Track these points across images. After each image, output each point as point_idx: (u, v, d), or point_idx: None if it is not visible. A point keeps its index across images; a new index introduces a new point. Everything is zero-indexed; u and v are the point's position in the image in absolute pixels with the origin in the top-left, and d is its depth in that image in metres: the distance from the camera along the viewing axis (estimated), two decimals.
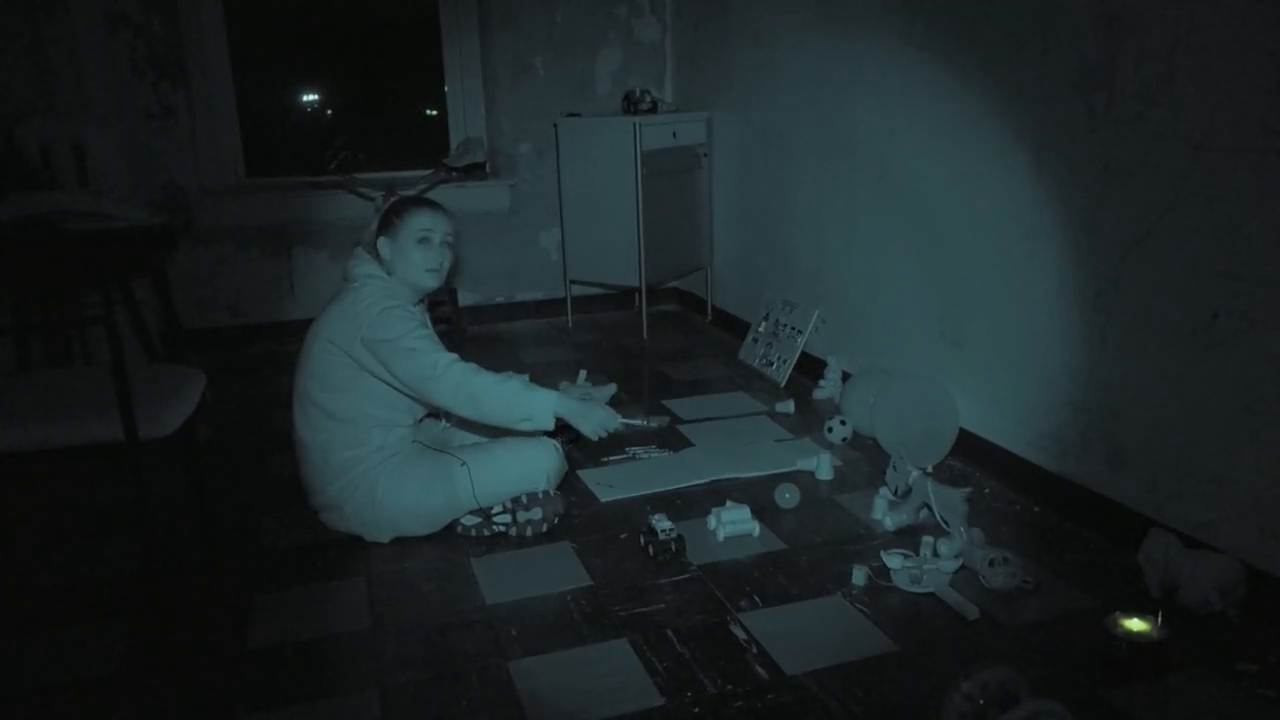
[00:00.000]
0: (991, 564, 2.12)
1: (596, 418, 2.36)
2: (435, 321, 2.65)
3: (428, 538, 2.43)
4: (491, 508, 2.44)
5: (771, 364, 3.76)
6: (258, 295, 4.41)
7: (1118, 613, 1.83)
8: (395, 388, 2.32)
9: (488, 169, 4.66)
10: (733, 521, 2.41)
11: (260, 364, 4.13)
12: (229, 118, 4.31)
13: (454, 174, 4.48)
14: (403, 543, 2.40)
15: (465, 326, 4.51)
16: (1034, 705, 1.46)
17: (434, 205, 2.45)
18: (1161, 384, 2.20)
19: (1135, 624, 1.80)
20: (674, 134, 4.34)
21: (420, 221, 2.39)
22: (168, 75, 4.07)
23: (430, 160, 4.52)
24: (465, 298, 4.67)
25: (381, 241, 2.39)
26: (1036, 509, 2.55)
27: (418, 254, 2.37)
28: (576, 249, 4.51)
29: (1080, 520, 2.44)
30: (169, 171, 4.13)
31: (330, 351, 2.31)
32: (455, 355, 2.30)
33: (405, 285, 2.40)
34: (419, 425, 2.54)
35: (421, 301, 2.51)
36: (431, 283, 2.41)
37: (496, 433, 2.53)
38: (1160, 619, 1.81)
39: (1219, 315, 2.04)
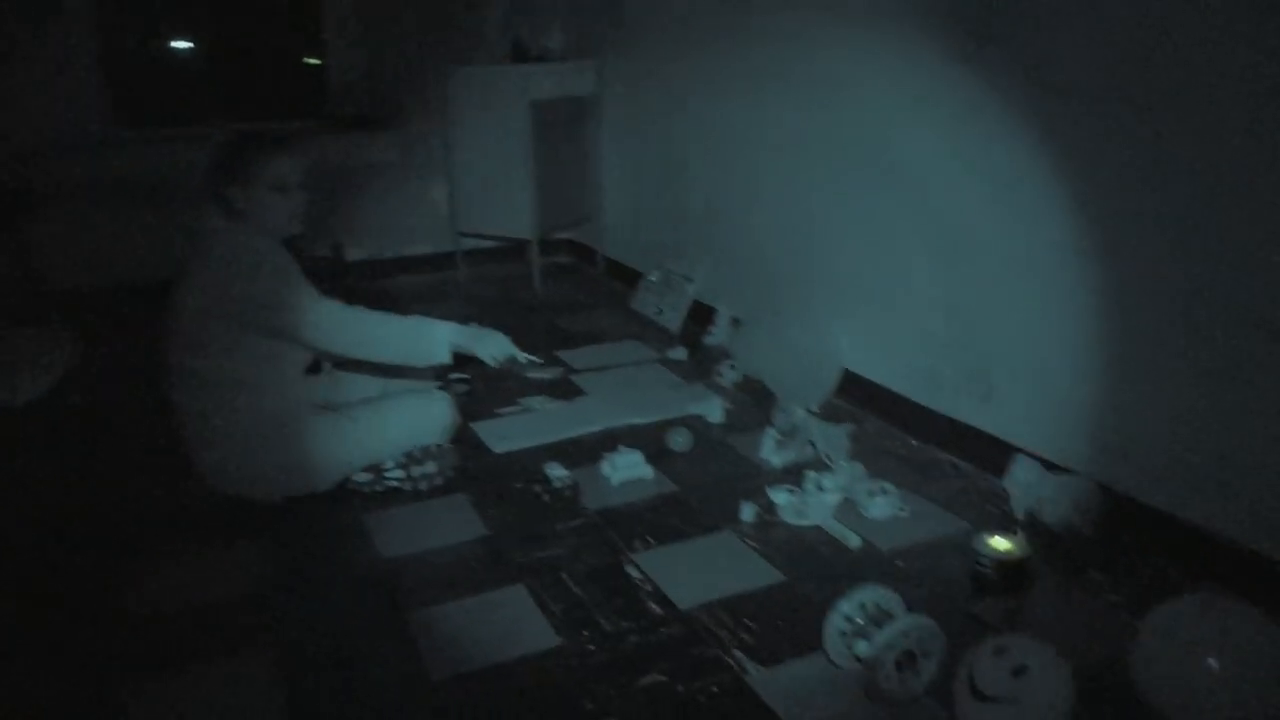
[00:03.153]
0: (872, 495, 2.23)
1: (494, 342, 2.33)
2: (319, 280, 2.58)
3: (319, 496, 2.40)
4: (384, 463, 2.43)
5: (663, 312, 3.81)
6: (132, 253, 4.18)
7: (985, 534, 1.96)
8: (281, 339, 2.25)
9: (373, 120, 4.52)
10: (626, 466, 2.46)
11: (140, 325, 3.95)
12: (89, 64, 4.03)
13: (337, 125, 4.35)
14: (294, 502, 2.37)
15: (353, 284, 4.41)
16: (907, 621, 1.56)
17: (286, 146, 2.29)
18: (1025, 318, 2.34)
19: (1000, 543, 1.93)
20: (563, 83, 4.31)
21: (277, 167, 2.23)
22: (21, 14, 3.78)
23: (312, 111, 4.37)
24: (353, 253, 4.56)
25: (231, 189, 2.22)
26: (914, 442, 2.68)
27: (276, 202, 2.24)
28: (466, 201, 4.44)
29: (953, 450, 2.58)
30: (17, 122, 3.86)
31: (202, 317, 2.22)
32: (339, 300, 2.24)
33: (263, 235, 2.26)
34: (303, 383, 2.48)
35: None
36: (294, 229, 2.31)
37: (388, 372, 2.50)
38: (1023, 538, 1.95)
39: (1080, 252, 2.17)
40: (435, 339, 2.28)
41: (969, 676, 1.49)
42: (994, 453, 2.42)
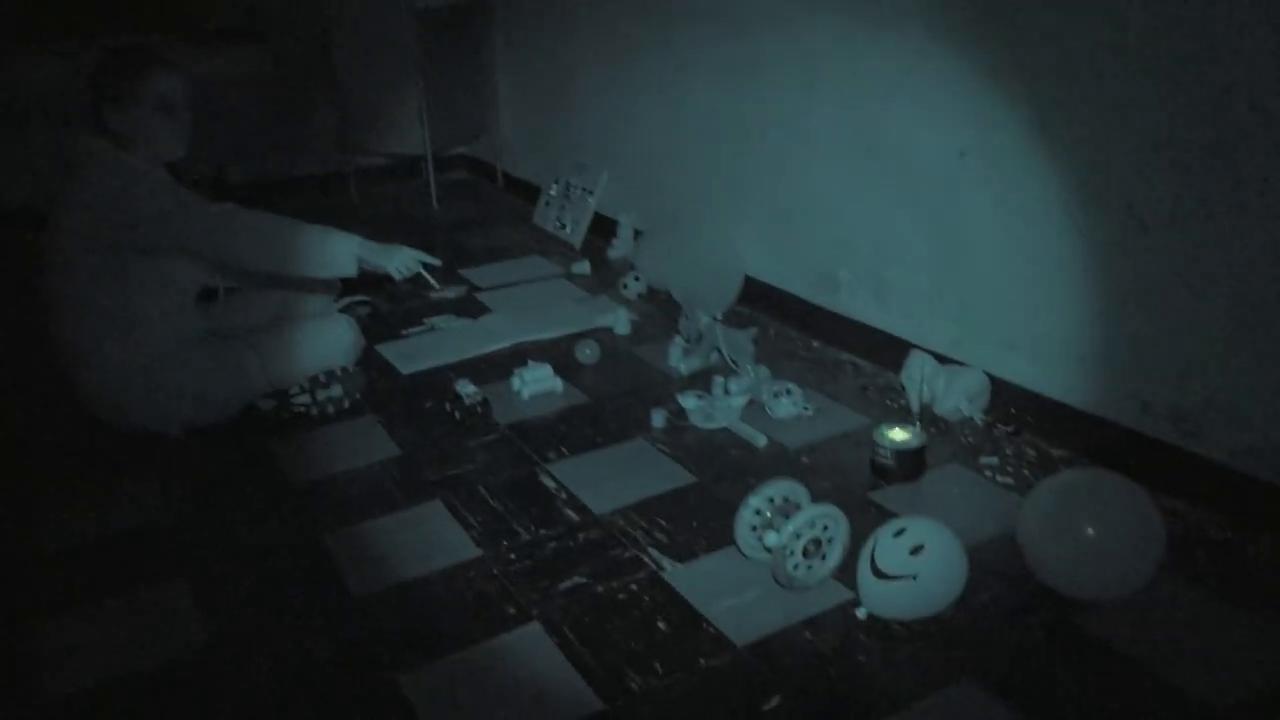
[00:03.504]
0: (776, 396, 2.30)
1: (401, 255, 2.28)
2: None
3: (223, 426, 2.34)
4: (289, 389, 2.38)
5: (565, 226, 3.79)
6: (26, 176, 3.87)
7: (884, 426, 2.05)
8: (178, 254, 2.15)
9: (245, 32, 4.27)
10: (536, 380, 2.47)
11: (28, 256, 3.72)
12: None
13: (206, 38, 4.10)
14: (196, 433, 2.31)
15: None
16: (813, 511, 1.64)
17: (167, 63, 2.15)
18: (918, 219, 2.41)
19: (898, 434, 2.03)
20: None
21: (159, 86, 2.11)
22: None
23: (178, 24, 4.10)
24: (235, 175, 4.36)
25: (109, 111, 2.09)
26: (815, 343, 2.76)
27: (162, 124, 2.13)
28: (356, 118, 4.27)
29: (852, 350, 2.67)
30: None
31: (85, 245, 2.11)
32: (233, 203, 2.15)
33: (147, 158, 2.15)
34: (197, 311, 2.40)
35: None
36: (181, 152, 2.20)
37: (287, 298, 2.42)
38: (919, 428, 2.05)
39: (965, 153, 2.24)
40: (341, 250, 2.21)
41: (871, 557, 1.58)
42: (891, 350, 2.51)
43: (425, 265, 2.32)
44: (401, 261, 2.27)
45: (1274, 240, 1.71)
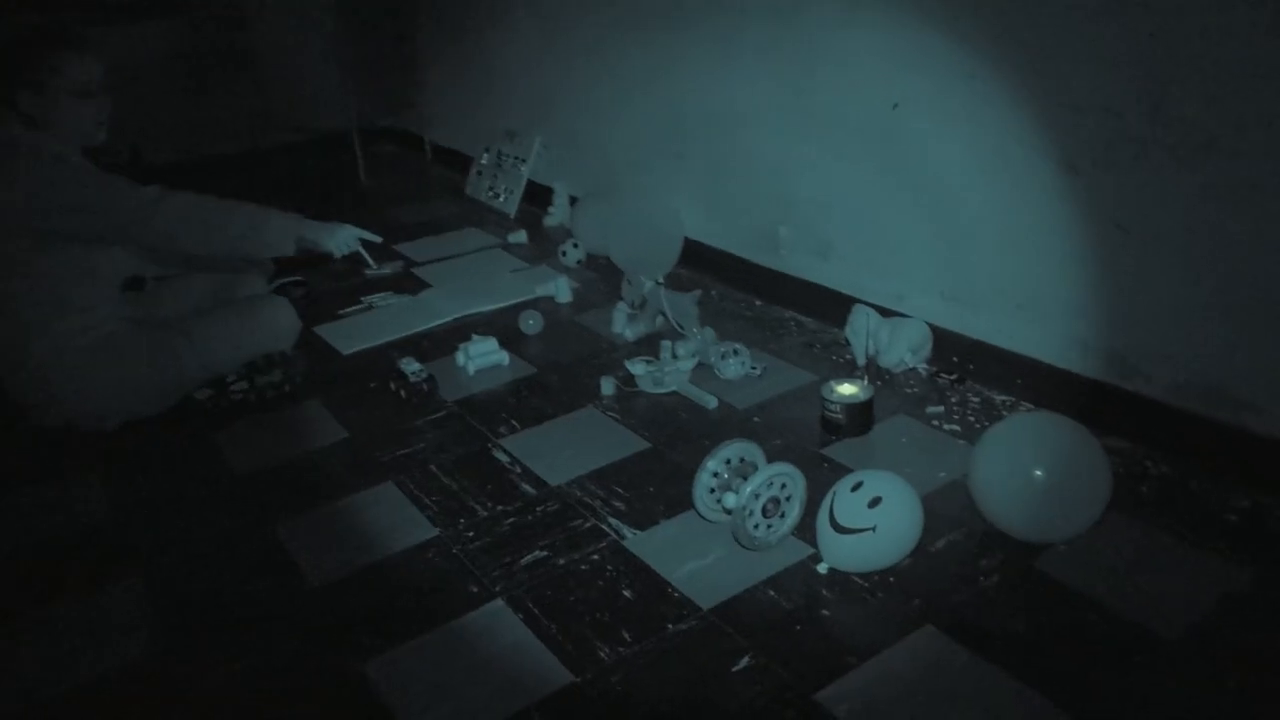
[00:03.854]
0: (724, 357, 2.31)
1: (342, 232, 2.24)
2: None
3: (160, 418, 2.27)
4: (226, 376, 2.31)
5: (499, 196, 3.73)
6: None
7: (831, 381, 2.07)
8: (112, 242, 2.07)
9: (153, 6, 4.09)
10: (481, 354, 2.44)
11: None
12: None
13: (111, 13, 3.91)
14: (132, 427, 2.23)
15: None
16: (771, 470, 1.65)
17: (79, 43, 2.05)
18: (855, 174, 2.42)
19: (846, 389, 2.05)
20: None
21: (76, 69, 2.01)
22: None
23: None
24: (152, 156, 4.19)
25: (25, 98, 1.99)
26: (758, 303, 2.77)
27: (81, 109, 2.04)
28: (276, 92, 4.14)
29: (796, 307, 2.68)
30: None
31: (5, 239, 2.02)
32: (161, 186, 2.07)
33: (66, 144, 2.05)
34: (124, 300, 2.31)
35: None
36: (102, 137, 2.11)
37: (217, 283, 2.35)
38: (866, 381, 2.07)
39: (899, 105, 2.25)
40: (279, 229, 2.15)
41: (830, 512, 1.60)
42: (833, 306, 2.53)
43: (365, 243, 2.27)
44: (342, 240, 2.22)
45: (1200, 180, 1.75)
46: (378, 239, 2.29)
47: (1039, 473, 1.59)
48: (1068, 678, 1.39)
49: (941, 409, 2.13)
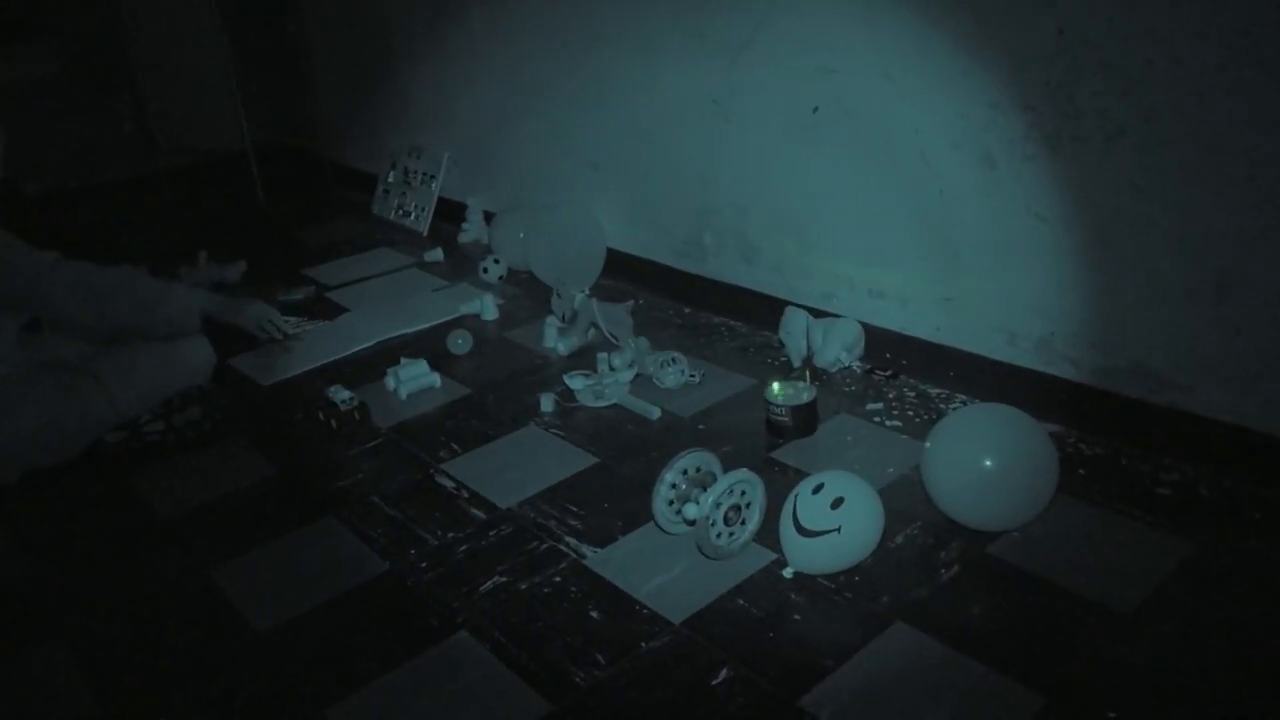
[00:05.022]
0: (663, 366, 2.29)
1: (254, 310, 2.17)
2: None
3: (68, 466, 2.12)
4: (139, 417, 2.18)
5: (409, 214, 3.64)
6: None
7: (773, 384, 2.08)
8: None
9: (21, 26, 3.85)
10: (412, 377, 2.36)
11: None
12: None
13: None
14: (38, 478, 2.08)
15: (34, 221, 3.82)
16: (731, 477, 1.64)
17: None
18: (777, 177, 2.44)
19: (788, 390, 2.06)
20: None
21: None
22: None
23: None
24: (30, 187, 3.93)
25: None
26: (687, 310, 2.77)
27: None
28: (164, 113, 3.94)
29: (726, 313, 2.69)
30: None
31: None
32: (58, 252, 1.95)
33: None
34: (21, 343, 2.16)
35: None
36: None
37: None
38: (809, 382, 2.09)
39: (819, 108, 2.28)
40: (181, 305, 2.11)
41: (793, 516, 1.59)
42: (762, 309, 2.55)
43: (288, 303, 2.22)
44: (257, 316, 2.17)
45: (1113, 169, 1.82)
46: (297, 297, 2.25)
47: (989, 463, 1.63)
48: (1034, 659, 1.42)
49: (880, 405, 2.16)
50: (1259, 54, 1.58)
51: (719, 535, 1.64)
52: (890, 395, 2.21)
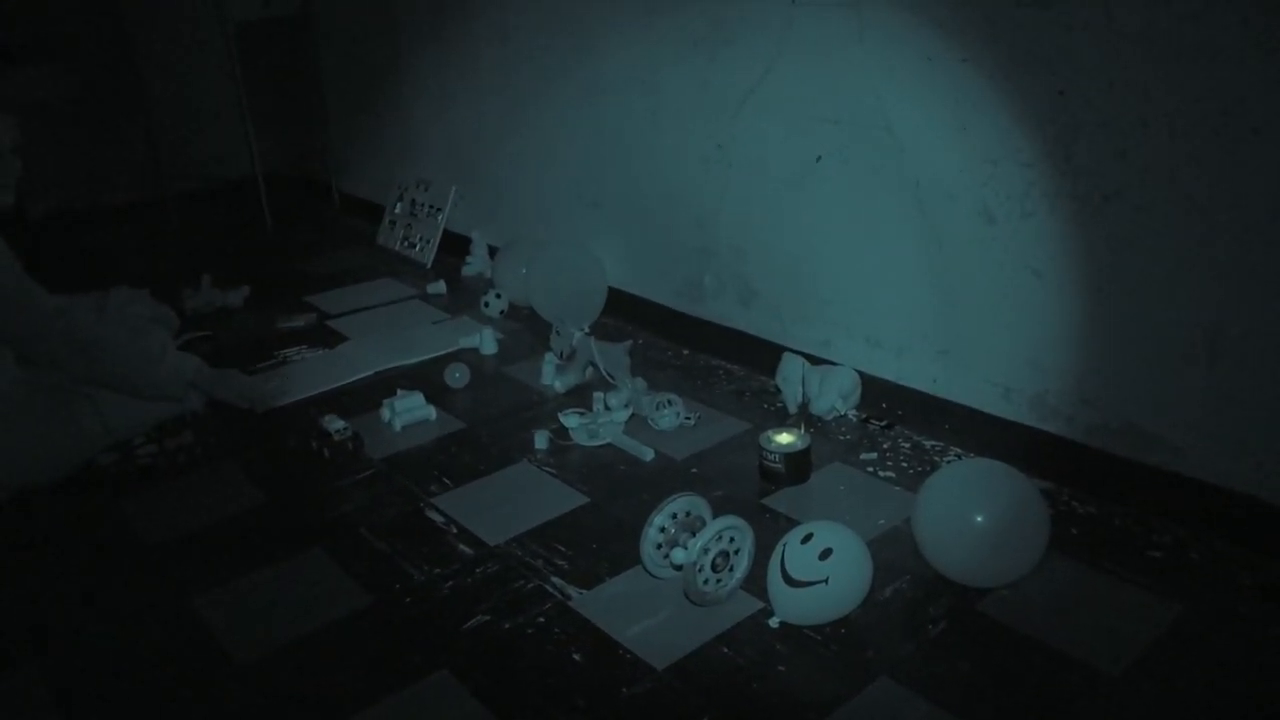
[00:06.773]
0: (659, 408, 2.29)
1: (239, 384, 2.22)
2: None
3: (59, 488, 2.11)
4: (132, 439, 2.18)
5: (415, 246, 3.66)
6: None
7: (769, 431, 2.08)
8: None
9: (34, 50, 3.90)
10: (407, 409, 2.36)
11: None
12: None
13: None
14: (26, 500, 2.07)
15: (40, 244, 3.85)
16: (720, 523, 1.63)
17: None
18: (778, 223, 2.46)
19: (783, 437, 2.06)
20: (267, 2, 3.92)
21: None
22: None
23: None
24: (36, 207, 3.97)
25: None
26: (685, 351, 2.77)
27: None
28: (173, 139, 3.99)
29: (724, 355, 2.70)
30: None
31: None
32: (62, 300, 1.97)
33: None
34: (13, 361, 2.15)
35: None
36: (8, 200, 2.01)
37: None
38: (803, 429, 2.08)
39: (821, 158, 2.30)
40: (171, 370, 2.14)
41: (781, 565, 1.58)
42: (760, 354, 2.55)
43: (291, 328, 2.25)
44: (241, 390, 2.25)
45: (1109, 228, 1.83)
46: (301, 322, 2.28)
47: (981, 519, 1.62)
48: (1020, 719, 1.40)
49: (875, 455, 2.16)
50: (1252, 120, 1.60)
51: (706, 581, 1.63)
52: (885, 446, 2.21)
